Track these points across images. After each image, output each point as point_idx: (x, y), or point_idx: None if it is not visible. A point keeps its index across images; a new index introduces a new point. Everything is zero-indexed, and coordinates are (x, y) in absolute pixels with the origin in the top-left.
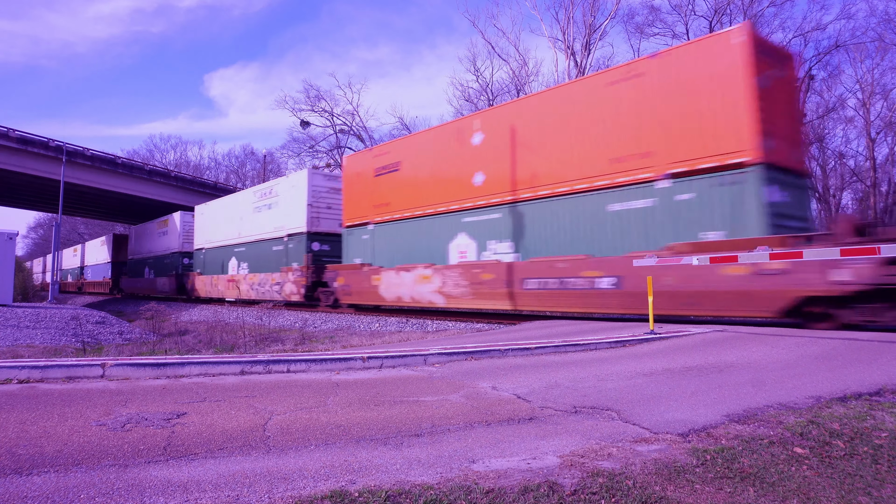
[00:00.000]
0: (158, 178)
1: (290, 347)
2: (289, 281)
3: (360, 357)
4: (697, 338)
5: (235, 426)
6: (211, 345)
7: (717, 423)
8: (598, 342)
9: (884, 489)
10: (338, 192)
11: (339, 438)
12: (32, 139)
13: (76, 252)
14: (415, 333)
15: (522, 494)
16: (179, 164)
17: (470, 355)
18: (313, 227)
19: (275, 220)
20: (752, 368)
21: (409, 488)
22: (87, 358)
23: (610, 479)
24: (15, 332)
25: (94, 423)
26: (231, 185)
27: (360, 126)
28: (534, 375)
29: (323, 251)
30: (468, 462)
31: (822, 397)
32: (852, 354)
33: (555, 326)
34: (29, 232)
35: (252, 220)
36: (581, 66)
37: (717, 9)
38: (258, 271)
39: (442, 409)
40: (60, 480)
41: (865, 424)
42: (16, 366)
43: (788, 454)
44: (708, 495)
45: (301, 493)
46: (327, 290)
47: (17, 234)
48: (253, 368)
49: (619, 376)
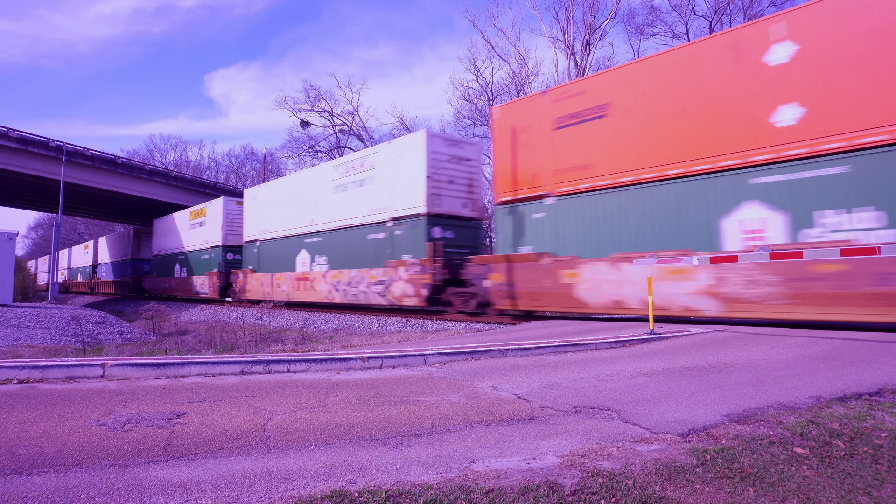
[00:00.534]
0: (158, 178)
1: (290, 347)
2: (400, 279)
3: (360, 357)
4: (697, 338)
5: (235, 426)
6: (211, 345)
7: (717, 423)
8: (598, 342)
9: (884, 489)
10: (464, 163)
11: (339, 438)
12: (32, 139)
13: (87, 249)
14: (415, 333)
15: (522, 494)
16: (179, 164)
17: (470, 355)
18: (433, 207)
19: (371, 200)
20: (752, 368)
21: (409, 488)
22: (87, 358)
23: (610, 479)
24: (15, 332)
25: (94, 423)
26: (231, 184)
27: (360, 126)
28: (534, 375)
29: (446, 239)
30: (468, 462)
31: (822, 397)
32: (852, 354)
33: (555, 326)
34: (29, 232)
35: (333, 203)
36: (581, 66)
37: (717, 9)
38: (345, 266)
39: (442, 409)
40: (60, 480)
41: (865, 424)
42: (16, 366)
43: (788, 454)
44: (708, 495)
45: (301, 493)
46: (465, 292)
47: (17, 234)
48: (253, 368)
49: (619, 376)
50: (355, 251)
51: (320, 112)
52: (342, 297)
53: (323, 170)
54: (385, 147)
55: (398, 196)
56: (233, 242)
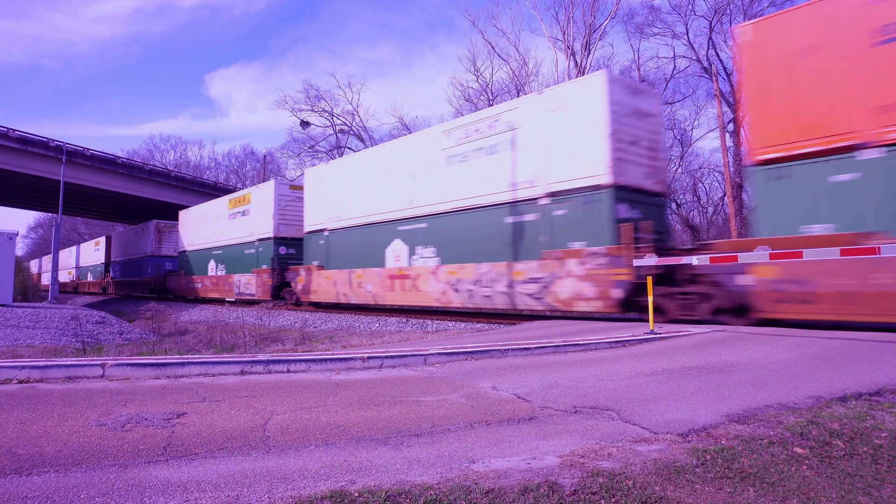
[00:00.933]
0: (158, 178)
1: (290, 347)
2: (569, 275)
3: (360, 357)
4: (697, 338)
5: (235, 426)
6: (211, 345)
7: (717, 423)
8: (597, 342)
9: (884, 489)
10: (646, 119)
11: (339, 438)
12: (32, 139)
13: (98, 246)
14: (415, 333)
15: (522, 494)
16: (179, 164)
17: (470, 355)
18: (619, 176)
19: (508, 171)
20: (752, 368)
21: (409, 488)
22: (87, 358)
23: (610, 479)
24: (15, 332)
25: (94, 423)
26: (231, 184)
27: (360, 126)
28: (534, 375)
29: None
30: (468, 462)
31: (822, 397)
32: (852, 354)
33: (555, 326)
34: (29, 232)
35: (445, 178)
36: (581, 66)
37: (717, 9)
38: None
39: (442, 409)
40: (60, 480)
41: (865, 424)
42: (16, 366)
43: (788, 454)
44: (708, 495)
45: (301, 493)
46: (691, 293)
47: (17, 234)
48: (253, 368)
49: (618, 376)
50: (483, 240)
51: (320, 112)
52: (464, 299)
53: (428, 137)
54: (531, 101)
55: (557, 164)
56: (285, 234)
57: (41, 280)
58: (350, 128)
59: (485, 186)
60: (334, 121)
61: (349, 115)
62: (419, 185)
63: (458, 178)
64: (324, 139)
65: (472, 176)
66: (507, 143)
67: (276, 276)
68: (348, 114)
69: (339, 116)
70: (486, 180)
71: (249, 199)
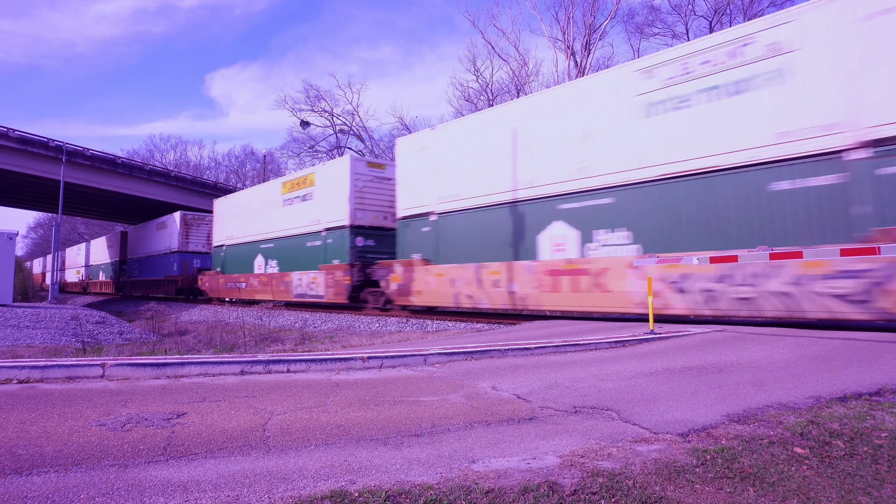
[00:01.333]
0: (158, 178)
1: (290, 347)
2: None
3: (360, 357)
4: (697, 338)
5: (235, 426)
6: (211, 345)
7: (717, 423)
8: (598, 342)
9: (884, 489)
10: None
11: (339, 438)
12: (32, 139)
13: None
14: (415, 333)
15: (522, 494)
16: (179, 164)
17: (470, 355)
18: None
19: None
20: (752, 368)
21: (409, 488)
22: (86, 358)
23: (610, 479)
24: (15, 332)
25: (94, 423)
26: (231, 184)
27: (360, 126)
28: (534, 375)
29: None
30: (468, 462)
31: (822, 397)
32: (852, 354)
33: (555, 326)
34: (29, 232)
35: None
36: (581, 66)
37: (717, 9)
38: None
39: (442, 409)
40: (60, 480)
41: (865, 424)
42: (16, 366)
43: (788, 454)
44: (708, 495)
45: (301, 493)
46: None
47: (17, 234)
48: (253, 368)
49: (618, 376)
50: (725, 219)
51: (320, 112)
52: (695, 303)
53: (609, 80)
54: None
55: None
56: (362, 222)
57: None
58: (350, 128)
59: (726, 140)
60: (334, 121)
61: (349, 115)
62: (595, 146)
63: (670, 132)
64: (324, 139)
65: (699, 127)
66: (772, 74)
67: (357, 272)
68: (348, 114)
69: (339, 116)
70: (729, 130)
71: (313, 181)
